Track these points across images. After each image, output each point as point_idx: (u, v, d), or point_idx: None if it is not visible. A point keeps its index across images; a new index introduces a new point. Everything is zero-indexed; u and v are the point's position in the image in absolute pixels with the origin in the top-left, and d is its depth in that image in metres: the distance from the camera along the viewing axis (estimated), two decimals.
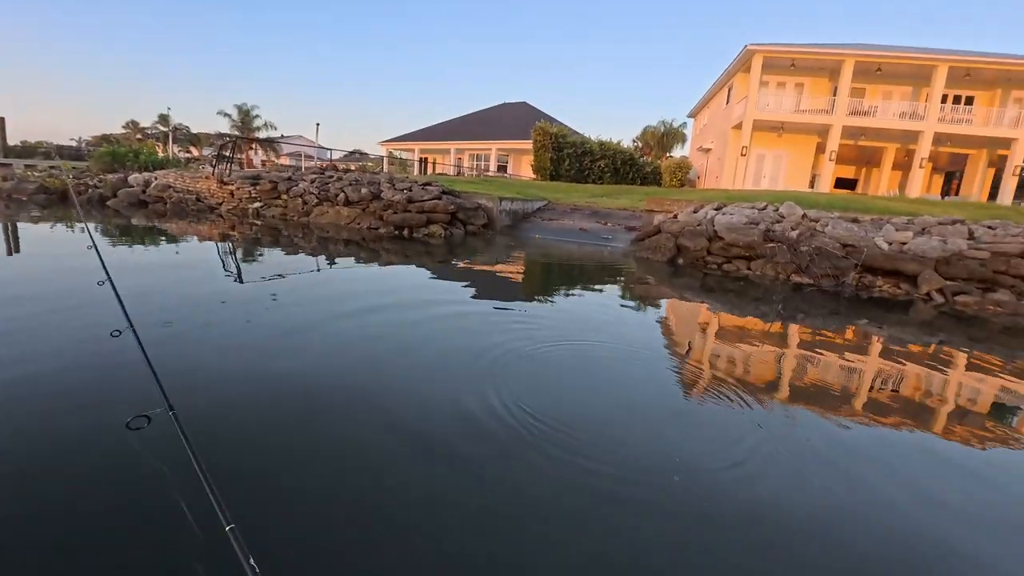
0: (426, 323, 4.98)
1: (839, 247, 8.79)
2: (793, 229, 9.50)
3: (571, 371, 3.95)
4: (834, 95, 21.83)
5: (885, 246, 8.71)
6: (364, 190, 12.76)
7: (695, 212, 11.03)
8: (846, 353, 5.08)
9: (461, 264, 9.05)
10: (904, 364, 4.93)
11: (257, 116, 37.79)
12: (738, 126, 22.92)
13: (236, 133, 37.98)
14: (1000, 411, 4.04)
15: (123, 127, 44.19)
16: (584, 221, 14.17)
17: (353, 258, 8.93)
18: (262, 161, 40.56)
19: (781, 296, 7.67)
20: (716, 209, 10.86)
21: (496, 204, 12.81)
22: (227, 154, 15.03)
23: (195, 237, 10.50)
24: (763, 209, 10.46)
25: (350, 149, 43.93)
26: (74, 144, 43.29)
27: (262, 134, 39.17)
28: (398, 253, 9.47)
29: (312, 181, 14.03)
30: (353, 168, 22.52)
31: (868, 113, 21.55)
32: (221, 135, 40.75)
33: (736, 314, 6.74)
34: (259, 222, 12.93)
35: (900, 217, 9.92)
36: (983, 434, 3.39)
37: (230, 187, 14.14)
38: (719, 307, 7.09)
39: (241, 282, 6.55)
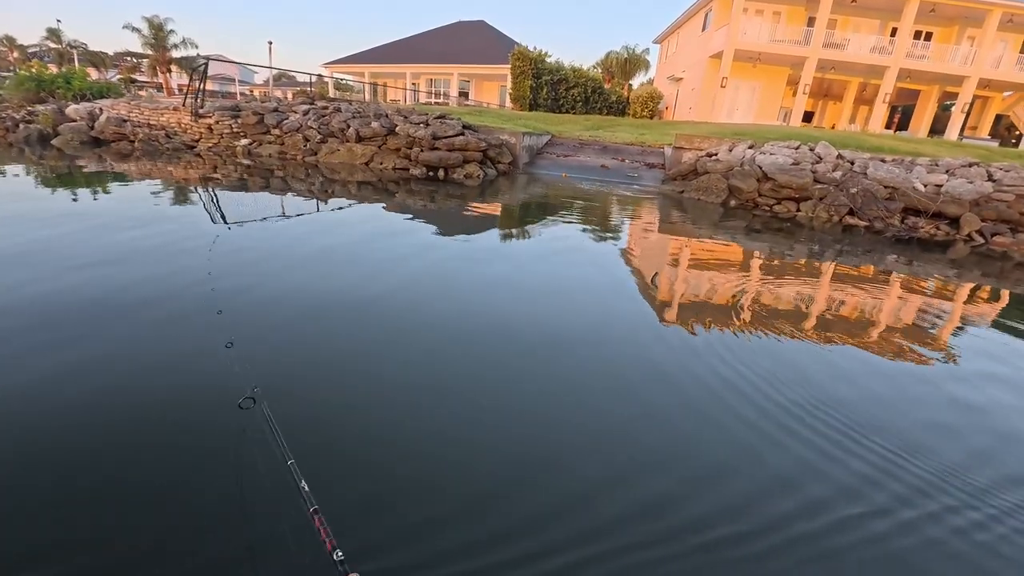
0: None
1: (882, 189, 9.25)
2: (835, 170, 9.82)
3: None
4: (808, 26, 22.05)
5: (922, 188, 9.25)
6: (375, 124, 11.59)
7: (730, 151, 11.06)
8: None
9: (531, 213, 8.61)
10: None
11: (172, 32, 32.47)
12: (717, 55, 22.72)
13: (149, 52, 32.72)
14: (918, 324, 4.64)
15: None
16: (600, 157, 13.85)
17: (424, 212, 8.19)
18: (179, 86, 35.48)
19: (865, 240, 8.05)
20: (750, 148, 10.94)
21: (519, 140, 12.14)
22: (197, 86, 12.83)
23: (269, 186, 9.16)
24: (797, 149, 10.66)
25: (277, 72, 39.32)
26: None
27: (178, 53, 33.96)
28: (448, 197, 8.83)
29: (305, 113, 12.53)
30: (291, 96, 20.22)
31: (840, 46, 22.05)
32: (131, 54, 35.09)
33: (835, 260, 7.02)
34: (248, 161, 11.51)
35: (922, 158, 10.49)
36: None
37: (207, 121, 12.32)
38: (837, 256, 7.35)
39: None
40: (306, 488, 1.46)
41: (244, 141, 12.08)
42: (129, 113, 13.09)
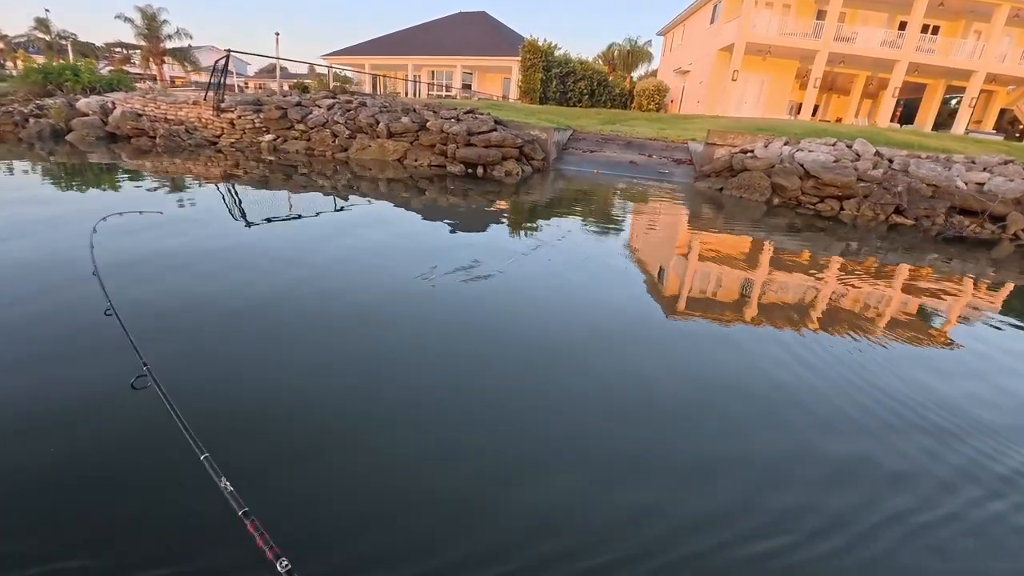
0: None
1: (924, 187, 9.27)
2: (875, 168, 9.83)
3: None
4: (818, 19, 22.06)
5: (963, 186, 9.30)
6: (405, 119, 11.35)
7: (766, 147, 11.01)
8: None
9: (586, 212, 8.48)
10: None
11: (166, 22, 31.56)
12: (727, 48, 22.64)
13: (142, 43, 31.81)
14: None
15: None
16: (626, 153, 13.74)
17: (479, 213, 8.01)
18: (172, 78, 34.59)
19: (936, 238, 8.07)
20: (786, 145, 10.91)
21: (550, 135, 11.98)
22: (218, 79, 12.40)
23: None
24: (834, 146, 10.65)
25: (271, 64, 38.35)
26: None
27: (172, 44, 33.08)
28: (494, 195, 8.67)
29: (330, 108, 12.22)
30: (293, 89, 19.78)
31: (850, 39, 22.11)
32: (122, 45, 34.15)
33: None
34: (272, 158, 11.20)
35: (958, 155, 10.55)
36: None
37: (229, 115, 11.96)
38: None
39: None
40: (229, 488, 1.23)
41: (268, 137, 11.76)
42: (144, 107, 12.66)
